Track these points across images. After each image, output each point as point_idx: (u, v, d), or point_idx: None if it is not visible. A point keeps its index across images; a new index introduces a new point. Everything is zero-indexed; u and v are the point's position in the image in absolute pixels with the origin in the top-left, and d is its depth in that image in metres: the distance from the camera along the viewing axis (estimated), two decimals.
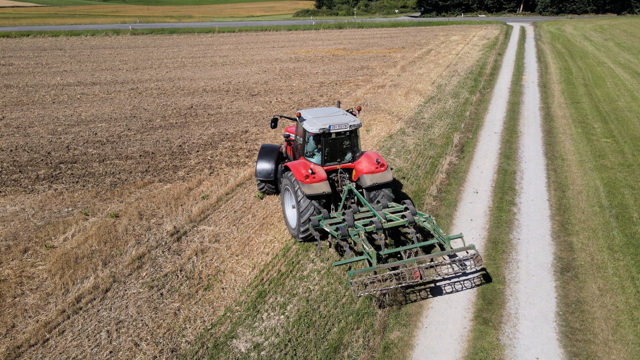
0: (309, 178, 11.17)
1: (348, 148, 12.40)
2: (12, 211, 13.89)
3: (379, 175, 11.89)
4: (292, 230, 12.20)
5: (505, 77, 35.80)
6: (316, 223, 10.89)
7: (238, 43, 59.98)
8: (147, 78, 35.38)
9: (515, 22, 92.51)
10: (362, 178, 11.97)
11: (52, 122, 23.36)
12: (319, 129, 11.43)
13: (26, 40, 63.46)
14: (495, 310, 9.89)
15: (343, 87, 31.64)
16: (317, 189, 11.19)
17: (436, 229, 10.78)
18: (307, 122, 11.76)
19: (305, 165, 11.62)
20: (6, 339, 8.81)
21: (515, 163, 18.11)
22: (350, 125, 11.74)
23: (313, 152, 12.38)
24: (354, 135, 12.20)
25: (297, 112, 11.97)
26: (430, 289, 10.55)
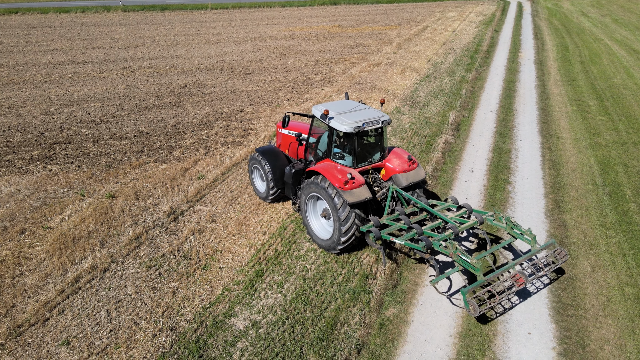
0: (349, 184, 10.02)
1: (377, 146, 11.32)
2: (7, 192, 13.84)
3: (413, 173, 11.04)
4: (323, 242, 10.89)
5: (501, 54, 35.54)
6: (378, 235, 9.87)
7: (231, 20, 58.95)
8: (139, 56, 34.84)
9: None
10: (395, 178, 10.97)
11: (45, 102, 23.07)
12: (353, 127, 10.10)
13: (15, 18, 62.05)
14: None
15: (338, 65, 31.33)
16: (358, 195, 10.04)
17: (517, 227, 10.18)
18: (335, 120, 10.37)
19: (340, 169, 10.43)
20: (6, 318, 8.90)
21: (511, 141, 18.16)
22: (382, 121, 10.63)
23: (342, 153, 11.02)
24: (384, 131, 11.13)
25: (325, 110, 10.48)
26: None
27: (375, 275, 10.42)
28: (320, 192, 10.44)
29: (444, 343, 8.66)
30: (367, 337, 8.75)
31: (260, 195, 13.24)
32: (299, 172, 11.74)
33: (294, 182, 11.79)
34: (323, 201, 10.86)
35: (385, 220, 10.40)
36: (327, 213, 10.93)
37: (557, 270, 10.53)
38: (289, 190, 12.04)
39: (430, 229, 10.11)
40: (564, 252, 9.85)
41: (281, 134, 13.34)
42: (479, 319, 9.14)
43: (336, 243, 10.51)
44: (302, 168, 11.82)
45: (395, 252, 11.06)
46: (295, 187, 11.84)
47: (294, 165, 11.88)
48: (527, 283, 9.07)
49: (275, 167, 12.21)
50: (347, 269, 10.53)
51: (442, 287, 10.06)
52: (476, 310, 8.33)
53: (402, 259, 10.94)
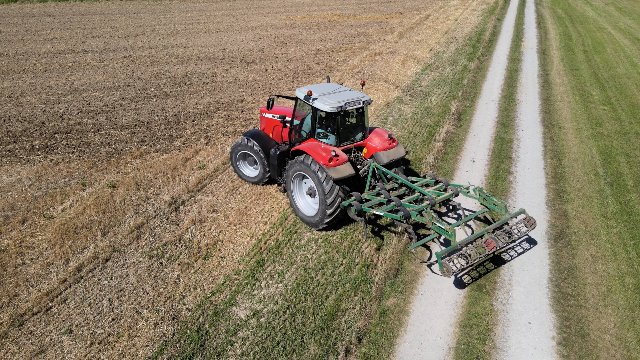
0: (333, 161, 10.52)
1: (359, 126, 11.82)
2: (8, 182, 13.85)
3: (393, 151, 11.64)
4: (309, 218, 11.36)
5: (504, 43, 35.27)
6: (359, 207, 10.43)
7: (232, 9, 58.47)
8: (139, 45, 34.62)
9: None
10: (377, 155, 11.57)
11: (45, 92, 22.98)
12: (336, 107, 10.61)
13: (14, 6, 61.59)
14: (489, 277, 10.10)
15: (339, 54, 31.12)
16: (342, 171, 10.58)
17: (489, 197, 10.85)
18: (318, 101, 10.89)
19: (324, 147, 10.93)
20: (9, 307, 8.96)
21: (512, 131, 18.09)
22: (363, 101, 11.21)
23: (325, 132, 11.55)
24: (365, 111, 11.66)
25: (309, 91, 10.91)
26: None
27: (376, 265, 10.45)
28: (306, 170, 10.92)
29: (444, 332, 8.71)
30: (367, 326, 8.80)
31: (252, 180, 13.55)
32: (283, 154, 12.20)
33: (279, 164, 12.25)
34: (308, 180, 11.40)
35: (367, 195, 11.02)
36: (312, 191, 11.46)
37: (530, 241, 10.83)
38: (274, 172, 12.49)
39: (408, 201, 10.76)
40: (532, 219, 10.42)
41: (265, 118, 13.56)
42: (456, 284, 9.76)
43: (322, 219, 11.00)
44: (286, 150, 12.23)
45: (379, 229, 11.08)
46: (280, 169, 12.34)
47: (279, 147, 12.29)
48: (498, 248, 9.67)
49: (267, 149, 12.61)
50: (348, 258, 10.56)
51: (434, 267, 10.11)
52: (450, 272, 8.94)
53: (402, 248, 10.96)
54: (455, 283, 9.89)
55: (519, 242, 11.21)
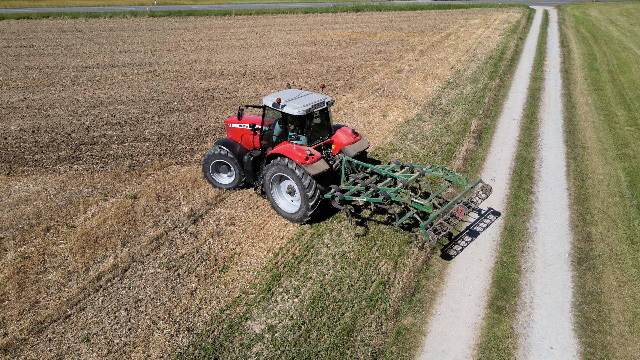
0: (309, 159, 11.46)
1: (325, 125, 12.95)
2: (34, 191, 14.22)
3: (358, 144, 12.86)
4: (293, 215, 12.27)
5: (526, 62, 35.01)
6: (342, 197, 11.42)
7: (255, 26, 59.63)
8: (164, 60, 35.50)
9: (539, 5, 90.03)
10: (345, 150, 12.67)
11: (72, 104, 23.68)
12: (305, 110, 11.62)
13: (46, 22, 64.04)
14: (509, 299, 9.86)
15: (360, 71, 31.33)
16: (318, 167, 11.59)
17: (452, 173, 12.30)
18: (288, 106, 11.78)
19: (297, 148, 11.85)
20: (30, 314, 9.11)
21: (535, 151, 17.82)
22: (326, 102, 12.35)
23: (297, 135, 12.49)
24: (328, 111, 12.82)
25: (277, 98, 11.88)
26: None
27: (393, 282, 10.33)
28: (284, 171, 11.81)
29: (462, 355, 8.50)
30: (383, 345, 8.66)
31: (227, 187, 14.13)
32: (257, 159, 13.16)
33: (254, 169, 13.20)
34: (286, 180, 12.37)
35: (344, 186, 12.02)
36: (291, 189, 12.33)
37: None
38: (250, 177, 13.37)
39: (383, 185, 11.86)
40: (489, 186, 11.88)
41: (232, 128, 14.17)
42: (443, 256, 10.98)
43: (305, 213, 11.92)
44: (259, 155, 13.15)
45: (362, 221, 10.96)
46: (255, 173, 13.30)
47: (252, 154, 13.22)
48: (467, 214, 11.05)
49: (240, 155, 13.51)
50: (365, 275, 10.46)
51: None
52: (434, 238, 10.14)
53: (419, 267, 10.81)
54: (472, 304, 9.68)
55: (542, 264, 10.96)
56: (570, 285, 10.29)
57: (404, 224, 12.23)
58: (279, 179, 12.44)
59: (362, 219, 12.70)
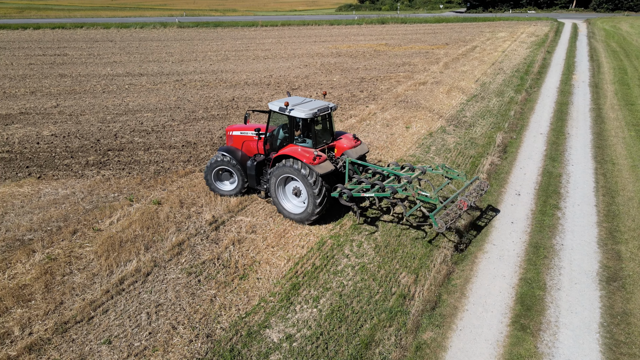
0: (317, 159, 11.94)
1: (328, 129, 13.46)
2: (63, 194, 14.62)
3: (359, 148, 13.42)
4: (298, 216, 12.71)
5: (554, 76, 34.43)
6: (350, 194, 12.01)
7: (280, 37, 60.45)
8: (191, 70, 36.25)
9: (567, 18, 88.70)
10: (347, 153, 13.21)
11: (102, 111, 24.36)
12: (312, 114, 12.14)
13: (80, 32, 66.34)
14: (534, 317, 9.60)
15: (384, 83, 31.33)
16: (325, 167, 12.09)
17: (451, 170, 13.08)
18: (295, 110, 12.29)
19: (304, 150, 12.30)
20: (55, 314, 9.31)
21: (562, 166, 17.43)
22: (330, 107, 12.86)
23: (303, 137, 12.94)
24: (331, 116, 13.41)
25: (285, 102, 12.41)
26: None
27: (413, 296, 10.19)
28: (292, 172, 12.20)
29: None
30: (402, 359, 8.52)
31: (230, 193, 14.33)
32: (260, 164, 13.63)
33: (257, 173, 13.63)
34: (292, 182, 12.78)
35: (349, 186, 12.45)
36: (297, 190, 12.76)
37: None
38: (253, 181, 13.77)
39: (387, 183, 12.37)
40: (485, 182, 12.78)
41: (232, 136, 14.55)
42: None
43: (311, 212, 12.34)
44: (262, 160, 13.62)
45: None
46: (259, 178, 13.70)
47: (255, 159, 13.67)
48: (469, 206, 11.57)
49: (243, 161, 13.92)
50: (385, 287, 10.35)
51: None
52: (443, 226, 10.72)
53: (441, 280, 10.64)
54: (495, 320, 9.45)
55: (568, 282, 10.65)
56: (598, 305, 9.96)
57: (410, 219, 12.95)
58: (284, 180, 12.86)
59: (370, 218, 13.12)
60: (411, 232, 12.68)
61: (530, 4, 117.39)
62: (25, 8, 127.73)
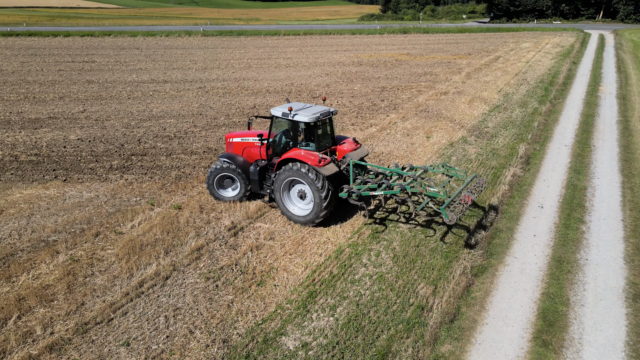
0: (322, 161, 12.29)
1: (329, 133, 13.83)
2: (87, 197, 14.95)
3: (359, 151, 13.85)
4: (303, 218, 12.97)
5: (579, 87, 33.79)
6: (359, 193, 12.35)
7: (302, 46, 60.95)
8: (214, 77, 36.82)
9: (594, 29, 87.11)
10: (348, 155, 13.62)
11: (127, 117, 24.90)
12: (315, 118, 12.51)
13: (108, 40, 68.16)
14: (556, 333, 9.35)
15: (405, 92, 31.24)
16: (330, 169, 12.45)
17: (452, 168, 13.70)
18: (299, 115, 12.60)
19: (309, 153, 12.61)
20: (76, 315, 9.48)
21: (587, 179, 17.02)
22: (331, 112, 13.32)
23: (306, 142, 13.22)
24: (332, 121, 13.82)
25: (289, 107, 12.71)
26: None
27: (432, 307, 10.04)
28: (298, 174, 12.47)
29: None
30: None
31: (232, 199, 14.48)
32: (263, 169, 13.91)
33: (260, 178, 13.89)
34: (297, 185, 13.08)
35: (355, 186, 12.71)
36: (302, 193, 13.03)
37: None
38: (256, 186, 14.01)
39: (393, 182, 12.77)
40: (483, 179, 13.20)
41: (233, 143, 14.82)
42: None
43: (317, 214, 12.63)
44: (265, 165, 13.91)
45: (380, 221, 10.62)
46: (262, 182, 13.96)
47: (258, 164, 13.97)
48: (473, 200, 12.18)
49: (244, 167, 14.14)
50: (402, 298, 10.24)
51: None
52: (453, 218, 11.18)
53: (460, 292, 10.46)
54: (516, 335, 9.23)
55: (593, 298, 10.35)
56: (624, 322, 9.64)
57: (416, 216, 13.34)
58: (289, 184, 13.11)
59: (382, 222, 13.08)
60: (430, 242, 12.54)
61: (555, 14, 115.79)
62: (56, 16, 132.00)
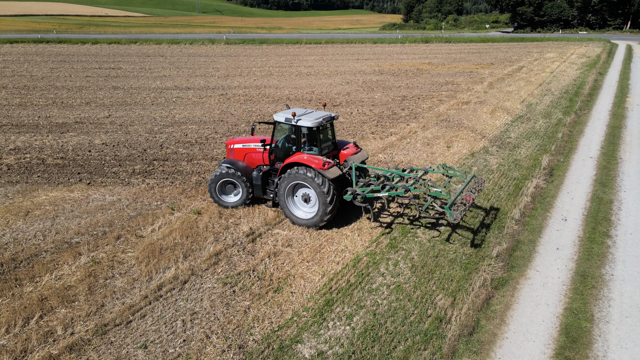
0: (326, 165, 12.57)
1: (330, 138, 14.19)
2: (110, 201, 15.24)
3: (360, 155, 14.23)
4: (308, 221, 13.16)
5: (605, 98, 33.05)
6: (364, 195, 12.65)
7: (323, 54, 61.30)
8: (236, 85, 37.28)
9: (621, 40, 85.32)
10: (349, 159, 13.84)
11: (150, 122, 25.38)
12: (318, 123, 12.88)
13: (134, 47, 69.79)
14: (580, 350, 9.07)
15: (425, 101, 31.06)
16: (334, 172, 12.72)
17: (452, 169, 14.10)
18: (302, 120, 12.91)
19: (312, 157, 12.88)
20: (96, 316, 9.63)
21: (613, 192, 16.58)
22: (332, 117, 13.67)
23: (309, 146, 13.50)
24: (333, 126, 14.21)
25: (293, 112, 13.03)
26: None
27: (450, 319, 9.87)
28: (302, 178, 12.68)
29: None
30: None
31: (235, 204, 14.52)
32: (266, 174, 14.13)
33: (263, 183, 14.09)
34: (301, 189, 13.26)
35: (358, 189, 12.92)
36: (306, 197, 13.25)
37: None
38: (260, 191, 14.19)
39: (395, 184, 13.22)
40: (482, 179, 13.57)
41: (234, 149, 14.99)
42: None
43: (322, 216, 12.85)
44: (267, 170, 14.17)
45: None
46: (265, 187, 14.16)
47: (261, 169, 14.22)
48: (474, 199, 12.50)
49: (247, 173, 14.23)
50: (420, 309, 10.09)
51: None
52: (458, 217, 11.50)
53: (479, 305, 10.25)
54: (537, 351, 8.99)
55: (619, 315, 10.03)
56: None
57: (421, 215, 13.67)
58: (293, 188, 13.28)
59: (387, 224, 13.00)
60: (449, 253, 12.37)
61: (581, 24, 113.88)
62: (85, 24, 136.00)
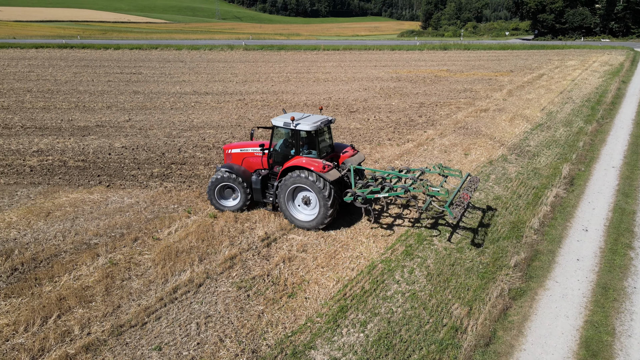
0: (326, 168, 12.76)
1: (328, 141, 14.40)
2: (128, 203, 15.45)
3: (357, 157, 14.43)
4: (309, 224, 13.35)
5: (629, 107, 32.35)
6: (364, 196, 12.84)
7: (341, 61, 61.43)
8: (253, 90, 37.58)
9: None
10: (347, 161, 14.10)
11: (169, 126, 25.73)
12: (316, 127, 13.10)
13: (155, 53, 71.02)
14: None
15: (443, 108, 30.83)
16: (334, 175, 12.88)
17: (447, 168, 14.43)
18: (301, 125, 13.10)
19: (311, 160, 13.04)
20: (112, 317, 9.74)
21: (636, 202, 16.17)
22: (329, 120, 13.92)
23: (308, 149, 13.66)
24: (330, 129, 14.49)
25: (292, 117, 13.21)
26: None
27: (466, 329, 9.71)
28: (302, 181, 12.87)
29: None
30: None
31: (234, 209, 14.60)
32: (265, 178, 14.27)
33: (263, 187, 14.20)
34: (301, 192, 13.43)
35: (358, 190, 13.10)
36: (307, 199, 13.43)
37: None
38: (259, 195, 14.30)
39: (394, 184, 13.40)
40: (477, 178, 13.95)
41: (231, 154, 15.17)
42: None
43: (322, 218, 13.04)
44: (266, 174, 14.31)
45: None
46: (264, 191, 14.28)
47: (260, 173, 14.35)
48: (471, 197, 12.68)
49: (245, 177, 14.37)
50: (436, 317, 9.96)
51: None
52: (458, 215, 11.78)
53: (496, 315, 10.06)
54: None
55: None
56: None
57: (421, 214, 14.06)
58: (293, 191, 13.46)
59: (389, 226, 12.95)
60: (465, 262, 12.20)
61: (604, 32, 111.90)
62: (108, 30, 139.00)
